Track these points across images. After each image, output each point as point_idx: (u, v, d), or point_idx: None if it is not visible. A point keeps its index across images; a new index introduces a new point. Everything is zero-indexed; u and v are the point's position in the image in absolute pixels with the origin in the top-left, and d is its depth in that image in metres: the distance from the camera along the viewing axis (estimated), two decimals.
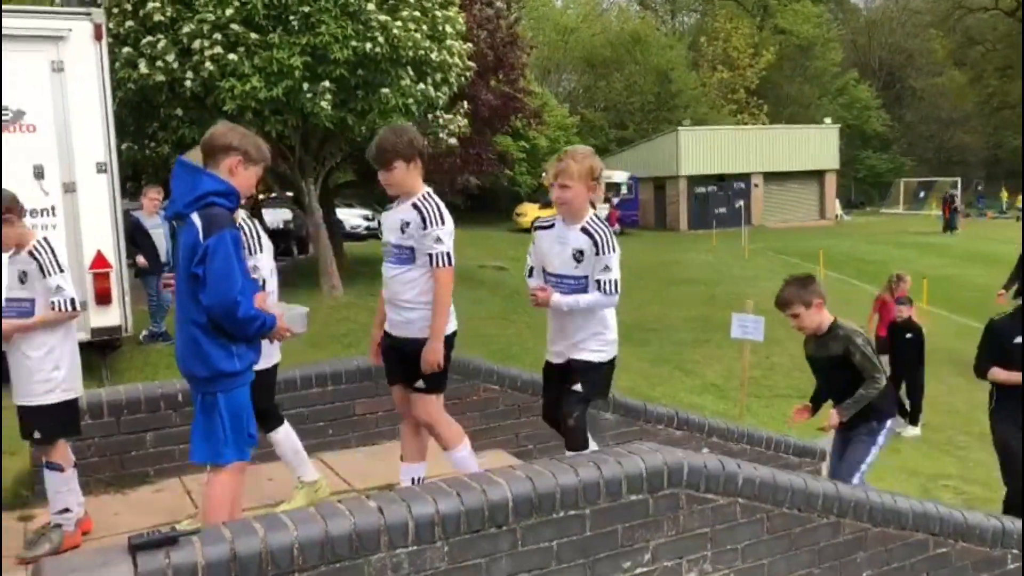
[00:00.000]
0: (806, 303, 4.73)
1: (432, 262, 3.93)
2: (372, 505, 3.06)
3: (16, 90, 7.25)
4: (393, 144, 3.88)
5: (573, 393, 4.10)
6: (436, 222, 3.90)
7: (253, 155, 3.50)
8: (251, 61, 11.23)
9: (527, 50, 21.49)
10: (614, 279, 3.98)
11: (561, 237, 4.08)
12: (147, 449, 4.86)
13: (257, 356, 3.53)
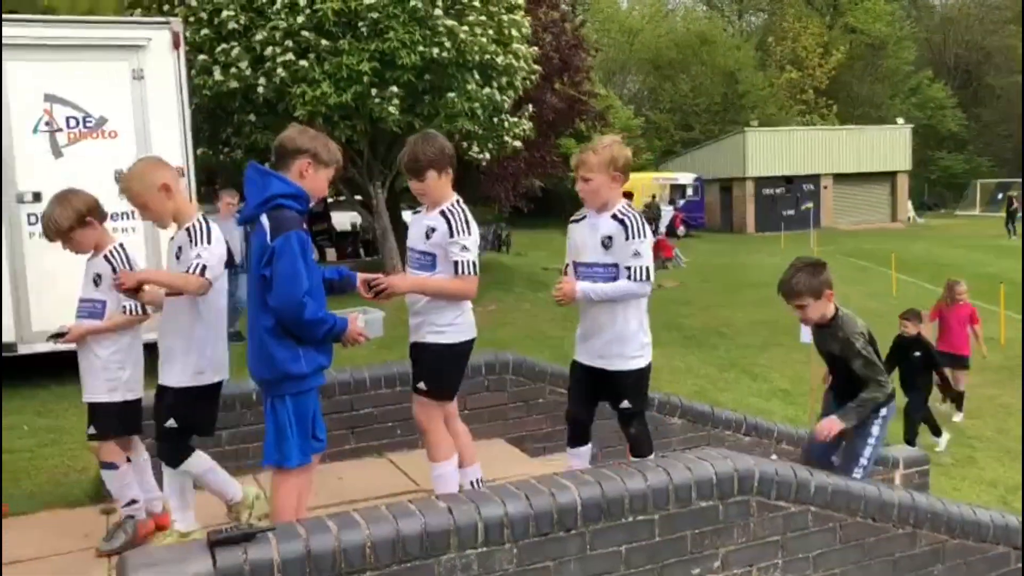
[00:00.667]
0: (816, 293, 4.20)
1: (456, 269, 3.88)
2: (442, 506, 3.09)
3: (99, 97, 7.53)
4: (425, 153, 3.85)
5: (624, 411, 4.06)
6: (463, 231, 3.86)
7: (323, 157, 3.51)
8: (321, 67, 11.46)
9: (592, 52, 21.45)
10: (644, 266, 3.87)
11: (592, 225, 4.04)
12: (223, 447, 4.97)
13: (327, 360, 3.51)
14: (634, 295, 3.94)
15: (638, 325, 4.02)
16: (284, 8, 11.42)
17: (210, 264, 3.55)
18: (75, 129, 7.49)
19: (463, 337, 4.01)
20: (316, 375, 3.47)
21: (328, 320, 3.38)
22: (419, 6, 11.50)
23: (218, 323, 3.75)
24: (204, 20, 11.60)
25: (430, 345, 3.94)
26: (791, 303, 4.27)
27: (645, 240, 3.89)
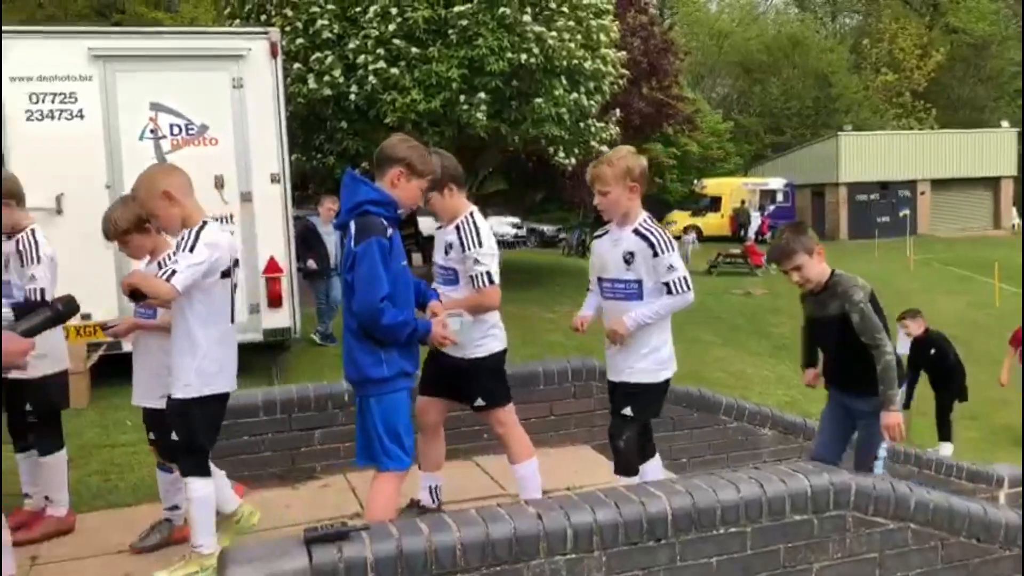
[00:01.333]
0: (808, 250, 4.07)
1: (474, 283, 3.93)
2: (531, 511, 3.10)
3: (201, 106, 7.81)
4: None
5: (621, 416, 4.00)
6: (474, 244, 3.91)
7: (418, 168, 3.54)
8: (411, 74, 11.64)
9: (681, 56, 21.22)
10: (682, 277, 3.86)
11: (614, 240, 4.01)
12: (315, 446, 5.10)
13: (411, 365, 3.51)
14: (680, 308, 3.94)
15: (663, 340, 4.00)
16: (376, 17, 11.65)
17: (179, 270, 3.36)
18: (178, 136, 7.79)
19: (500, 346, 4.11)
20: (399, 379, 3.45)
21: (408, 324, 3.40)
22: (508, 13, 11.58)
23: (210, 333, 3.57)
24: (299, 29, 11.92)
25: (473, 361, 4.00)
26: (787, 266, 4.12)
27: (674, 251, 3.89)
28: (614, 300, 3.99)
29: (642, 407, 3.99)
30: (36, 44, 7.71)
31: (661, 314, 3.88)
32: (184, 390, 3.56)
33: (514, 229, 30.36)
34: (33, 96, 7.47)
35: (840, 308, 4.02)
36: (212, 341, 3.57)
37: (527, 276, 17.14)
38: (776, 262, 4.21)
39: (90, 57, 7.54)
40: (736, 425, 6.03)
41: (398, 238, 3.53)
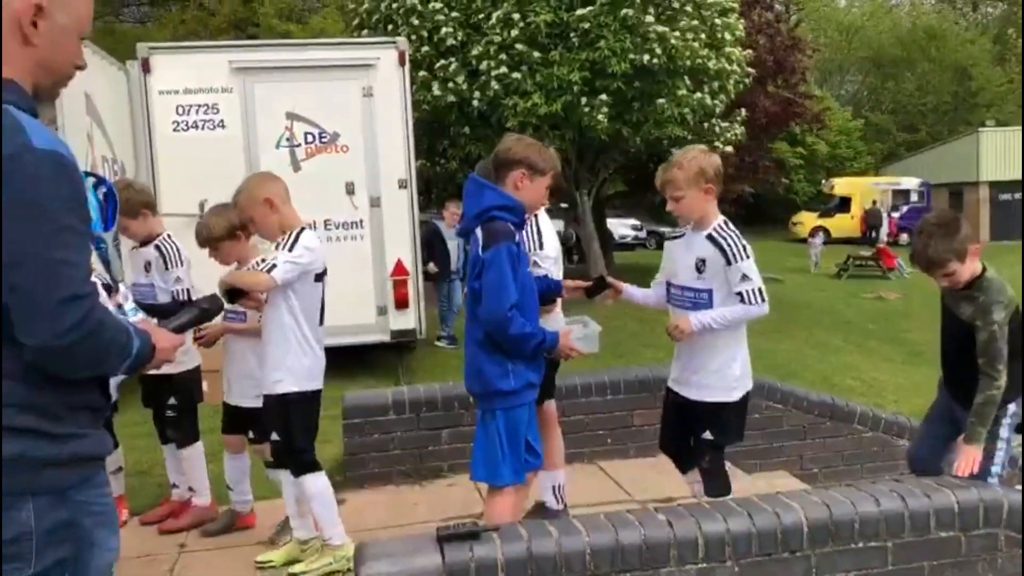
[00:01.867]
0: (960, 254, 3.51)
1: None
2: (661, 518, 3.06)
3: (333, 114, 8.11)
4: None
5: (704, 441, 3.69)
6: (534, 246, 3.87)
7: (539, 166, 3.45)
8: (533, 79, 11.72)
9: (808, 53, 20.56)
10: (756, 287, 3.52)
11: (687, 244, 3.73)
12: (442, 445, 5.20)
13: (537, 377, 3.42)
14: (753, 318, 3.62)
15: (734, 357, 3.67)
16: (499, 23, 11.79)
17: (279, 264, 3.53)
18: (312, 144, 8.10)
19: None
20: (526, 391, 3.37)
21: (537, 335, 3.31)
22: (630, 14, 11.51)
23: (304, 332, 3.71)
24: (425, 38, 12.17)
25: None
26: (935, 274, 3.60)
27: (749, 259, 3.55)
28: (682, 309, 3.70)
29: (722, 429, 3.68)
30: (182, 60, 8.18)
31: (730, 320, 3.55)
32: (277, 386, 3.72)
33: (634, 231, 30.09)
34: (179, 108, 7.91)
35: (972, 318, 3.58)
36: (305, 340, 3.72)
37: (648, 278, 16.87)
38: (923, 269, 3.72)
39: (231, 70, 7.94)
40: (871, 435, 5.79)
41: (522, 241, 3.50)
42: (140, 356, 1.86)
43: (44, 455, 1.73)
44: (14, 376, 1.70)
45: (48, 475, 1.74)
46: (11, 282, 1.64)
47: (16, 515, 1.71)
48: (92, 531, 1.82)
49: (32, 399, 1.72)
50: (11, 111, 1.67)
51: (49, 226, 1.65)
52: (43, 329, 1.65)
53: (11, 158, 1.62)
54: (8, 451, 1.69)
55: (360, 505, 4.80)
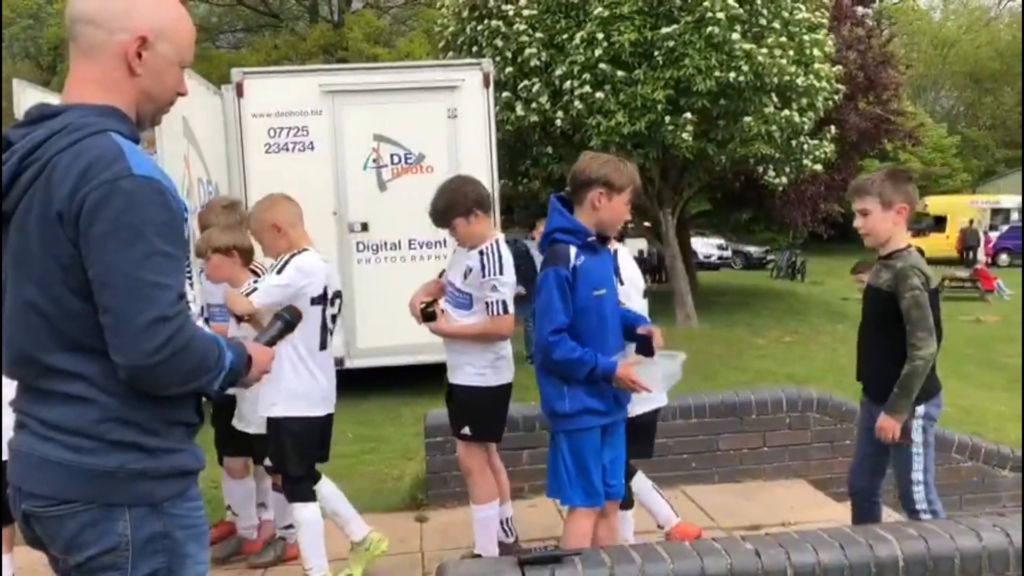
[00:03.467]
0: (885, 201, 3.53)
1: (488, 310, 3.83)
2: (748, 547, 2.97)
3: (418, 135, 8.24)
4: (447, 203, 3.87)
5: None
6: (494, 271, 3.81)
7: (616, 182, 3.35)
8: (616, 97, 11.69)
9: (902, 68, 19.99)
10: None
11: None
12: (523, 466, 5.17)
13: (601, 403, 3.30)
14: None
15: None
16: (583, 43, 11.81)
17: (260, 288, 3.65)
18: (398, 165, 8.24)
19: (503, 379, 3.96)
20: (584, 416, 3.28)
21: (587, 362, 3.19)
22: (716, 32, 11.39)
23: (296, 356, 3.69)
24: (509, 59, 12.28)
25: (472, 388, 3.90)
26: (856, 204, 3.60)
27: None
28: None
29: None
30: (274, 83, 8.43)
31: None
32: (271, 410, 3.76)
33: (718, 251, 29.67)
34: (271, 131, 8.15)
35: (891, 285, 3.52)
36: (302, 364, 3.72)
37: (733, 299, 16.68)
38: (848, 194, 3.74)
39: (321, 93, 8.14)
40: (971, 465, 5.55)
41: (600, 263, 3.41)
42: (235, 369, 1.90)
43: (142, 468, 1.79)
44: (113, 392, 1.77)
45: (145, 487, 1.80)
46: (104, 303, 1.71)
47: (114, 526, 1.78)
48: (185, 543, 1.87)
49: (131, 415, 1.78)
50: (113, 137, 1.75)
51: (142, 249, 1.71)
52: (132, 349, 1.71)
53: (111, 183, 1.69)
54: (107, 463, 1.76)
55: (442, 524, 4.82)
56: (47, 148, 1.72)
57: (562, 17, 12.25)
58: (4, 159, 1.75)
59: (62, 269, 1.72)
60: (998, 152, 44.19)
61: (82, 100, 1.79)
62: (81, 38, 1.80)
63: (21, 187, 1.74)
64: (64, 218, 1.69)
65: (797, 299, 17.75)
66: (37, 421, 1.79)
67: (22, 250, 1.76)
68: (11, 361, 1.82)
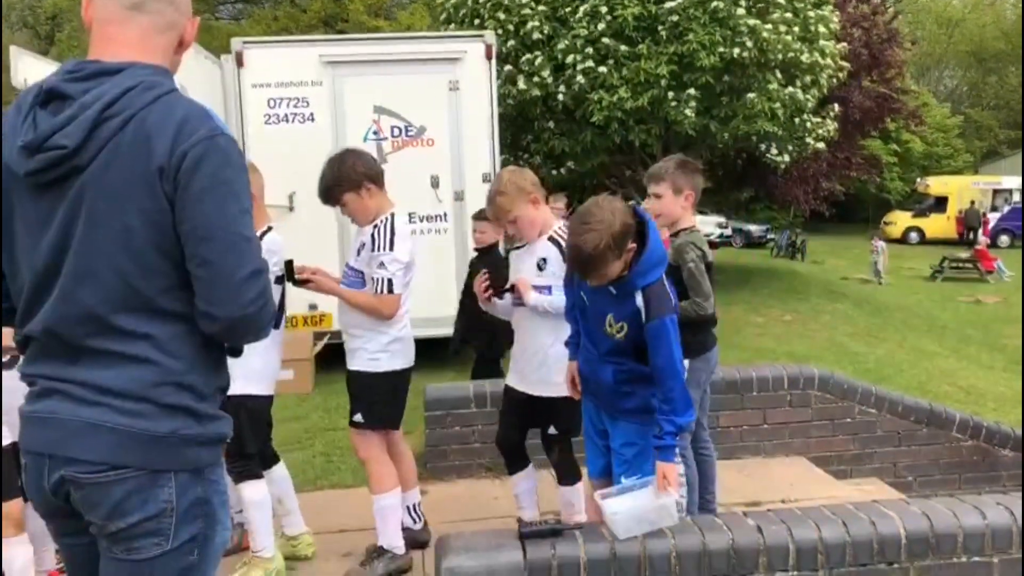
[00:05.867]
0: (676, 188, 3.80)
1: (374, 286, 3.68)
2: (751, 523, 2.96)
3: (419, 108, 8.15)
4: (335, 178, 3.69)
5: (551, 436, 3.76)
6: (383, 247, 3.65)
7: None
8: (619, 73, 11.59)
9: (906, 46, 19.83)
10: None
11: (530, 249, 3.71)
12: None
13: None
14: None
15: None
16: (586, 16, 11.69)
17: None
18: (398, 138, 8.16)
19: (399, 365, 3.80)
20: None
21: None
22: (720, 7, 11.27)
23: None
24: (511, 32, 12.15)
25: (363, 374, 3.76)
26: (650, 187, 3.90)
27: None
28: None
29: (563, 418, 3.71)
30: (274, 53, 8.33)
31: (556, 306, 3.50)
32: (233, 387, 3.67)
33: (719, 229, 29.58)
34: (271, 101, 8.06)
35: (674, 258, 3.70)
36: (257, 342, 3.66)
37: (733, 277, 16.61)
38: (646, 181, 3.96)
39: (321, 64, 8.05)
40: (971, 444, 5.54)
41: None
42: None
43: (193, 433, 1.81)
44: (176, 355, 1.78)
45: (192, 453, 1.81)
46: (202, 256, 1.72)
47: (159, 492, 1.77)
48: (218, 509, 1.89)
49: (189, 379, 1.80)
50: (188, 98, 1.79)
51: (236, 205, 1.76)
52: (231, 301, 1.74)
53: (209, 139, 1.73)
54: (160, 428, 1.76)
55: (440, 497, 4.81)
56: (128, 103, 1.71)
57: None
58: (74, 112, 1.71)
59: (148, 225, 1.72)
60: (1001, 133, 44.02)
61: (138, 59, 1.80)
62: (156, 14, 1.83)
63: (100, 140, 1.71)
64: (164, 172, 1.69)
65: (797, 278, 17.69)
66: (78, 385, 1.75)
67: (101, 206, 1.72)
68: (63, 319, 1.76)
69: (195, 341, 1.80)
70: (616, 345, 3.04)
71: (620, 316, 3.00)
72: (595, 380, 3.18)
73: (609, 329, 3.03)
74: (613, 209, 2.87)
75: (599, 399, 3.25)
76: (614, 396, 3.13)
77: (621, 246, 2.86)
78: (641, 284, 2.94)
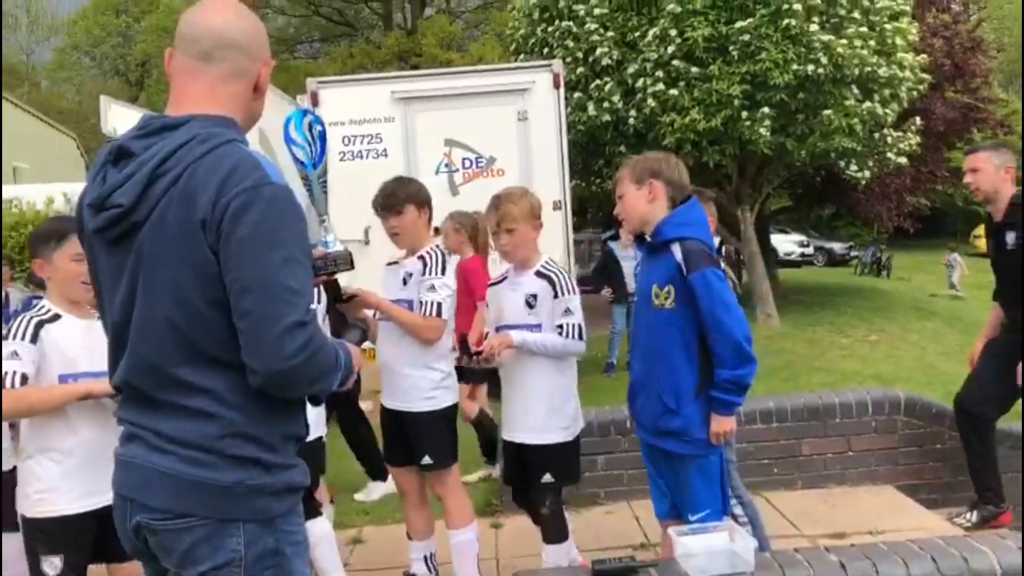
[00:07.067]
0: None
1: (421, 309, 3.64)
2: (833, 559, 2.86)
3: (489, 139, 8.25)
4: (404, 189, 3.78)
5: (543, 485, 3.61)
6: (436, 271, 3.67)
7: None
8: (691, 94, 11.49)
9: (992, 54, 19.16)
10: (577, 323, 3.52)
11: (513, 283, 3.66)
12: (598, 471, 5.11)
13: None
14: (571, 354, 3.64)
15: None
16: (655, 40, 11.63)
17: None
18: (469, 169, 8.27)
19: (451, 399, 3.80)
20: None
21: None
22: (793, 24, 11.08)
23: None
24: (580, 59, 12.16)
25: (423, 415, 3.71)
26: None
27: (575, 295, 3.61)
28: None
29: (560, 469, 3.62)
30: (347, 92, 8.55)
31: (548, 346, 3.51)
32: None
33: (800, 248, 28.95)
34: (346, 139, 8.26)
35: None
36: None
37: (816, 297, 16.22)
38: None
39: (393, 100, 8.23)
40: None
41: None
42: (348, 367, 1.93)
43: (260, 483, 1.80)
44: (237, 406, 1.78)
45: (261, 503, 1.81)
46: (243, 307, 1.72)
47: (228, 541, 1.78)
48: (292, 560, 1.88)
49: (252, 430, 1.79)
50: (244, 147, 1.80)
51: (281, 255, 1.73)
52: (271, 353, 1.71)
53: (252, 189, 1.72)
54: (225, 479, 1.77)
55: (516, 530, 4.78)
56: (180, 157, 1.75)
57: (633, 15, 12.08)
58: (132, 169, 1.77)
59: (198, 278, 1.74)
60: None
61: (202, 111, 1.83)
62: (225, 62, 1.86)
63: (154, 196, 1.75)
64: (207, 225, 1.71)
65: (883, 296, 17.16)
66: (152, 433, 1.80)
67: (156, 260, 1.76)
68: (133, 370, 1.82)
69: (256, 391, 1.78)
70: (669, 324, 3.04)
71: (663, 279, 3.06)
72: (647, 381, 3.17)
73: (656, 300, 3.06)
74: None
75: (646, 414, 3.21)
76: (662, 414, 3.09)
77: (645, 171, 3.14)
78: (674, 234, 3.04)
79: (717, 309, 2.96)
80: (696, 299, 2.98)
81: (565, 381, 3.63)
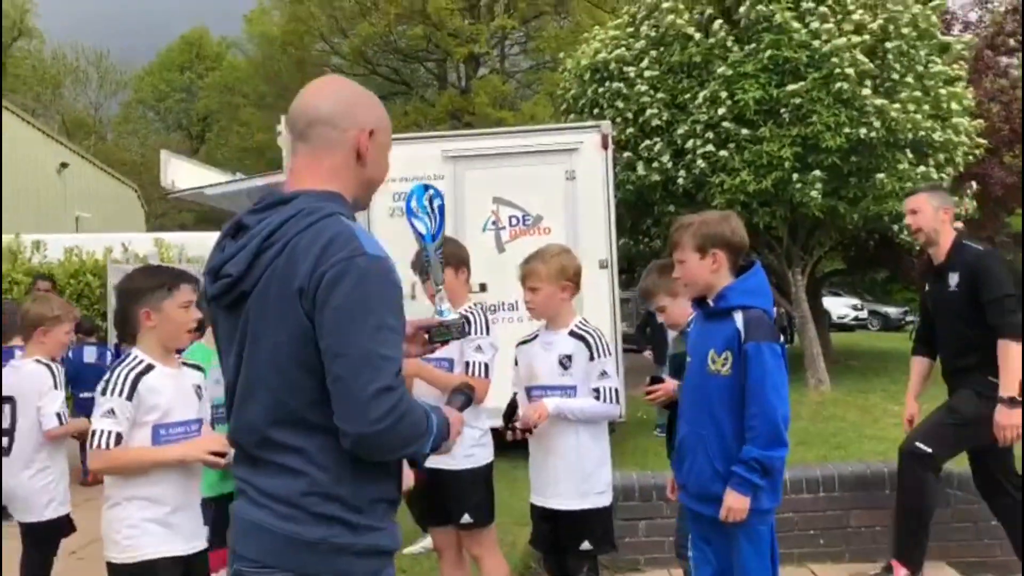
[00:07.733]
0: (672, 292, 3.74)
1: (467, 370, 3.63)
2: None
3: (537, 197, 8.32)
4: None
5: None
6: (481, 330, 3.68)
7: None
8: (741, 156, 11.49)
9: None
10: (613, 387, 3.56)
11: (545, 342, 3.61)
12: (639, 537, 5.01)
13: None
14: (608, 417, 3.67)
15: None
16: (705, 102, 11.70)
17: None
18: (516, 227, 8.33)
19: (489, 456, 3.77)
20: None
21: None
22: (845, 87, 11.07)
23: None
24: (630, 120, 12.27)
25: (462, 473, 3.66)
26: (652, 306, 4.02)
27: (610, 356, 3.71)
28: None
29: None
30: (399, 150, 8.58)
31: (586, 412, 3.51)
32: None
33: (854, 311, 28.49)
34: (395, 195, 8.38)
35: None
36: None
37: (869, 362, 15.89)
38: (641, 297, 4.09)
39: (443, 158, 8.37)
40: None
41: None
42: (440, 431, 1.98)
43: (343, 543, 1.87)
44: (324, 467, 1.86)
45: (343, 562, 1.88)
46: (335, 372, 1.82)
47: None
48: None
49: (336, 490, 1.87)
50: (344, 220, 1.91)
51: (373, 322, 1.82)
52: (359, 417, 1.80)
53: (347, 260, 1.83)
54: (311, 535, 1.85)
55: None
56: (286, 230, 1.88)
57: (684, 77, 12.18)
58: (244, 242, 1.91)
59: (293, 343, 1.84)
60: None
61: (309, 187, 1.96)
62: (317, 138, 1.99)
63: (261, 266, 1.88)
64: (304, 293, 1.83)
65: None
66: (253, 488, 1.92)
67: (258, 326, 1.89)
68: (239, 430, 1.97)
69: (345, 453, 1.86)
70: (723, 389, 2.98)
71: (721, 345, 3.00)
72: (695, 444, 3.09)
73: (712, 365, 3.01)
74: None
75: (693, 478, 3.12)
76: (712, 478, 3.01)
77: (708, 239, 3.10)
78: (738, 302, 3.00)
79: (766, 385, 2.92)
80: (747, 367, 2.95)
81: (598, 444, 3.60)
